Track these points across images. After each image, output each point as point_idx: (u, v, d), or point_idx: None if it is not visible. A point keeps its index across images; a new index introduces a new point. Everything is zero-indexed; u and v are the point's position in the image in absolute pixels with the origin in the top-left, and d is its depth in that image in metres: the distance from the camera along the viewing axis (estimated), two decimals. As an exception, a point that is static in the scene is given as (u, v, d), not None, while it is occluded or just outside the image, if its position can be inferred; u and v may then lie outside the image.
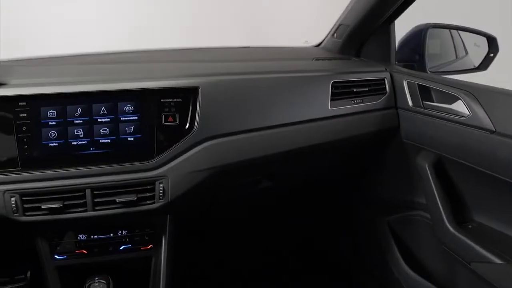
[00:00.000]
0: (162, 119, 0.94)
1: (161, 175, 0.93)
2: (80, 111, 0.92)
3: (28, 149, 0.91)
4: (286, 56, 1.35)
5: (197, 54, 1.32)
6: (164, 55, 1.27)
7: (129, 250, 0.98)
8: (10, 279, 1.32)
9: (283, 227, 1.55)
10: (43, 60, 1.13)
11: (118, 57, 1.17)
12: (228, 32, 2.50)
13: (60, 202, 0.89)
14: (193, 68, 1.05)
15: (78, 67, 1.04)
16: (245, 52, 1.43)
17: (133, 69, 1.03)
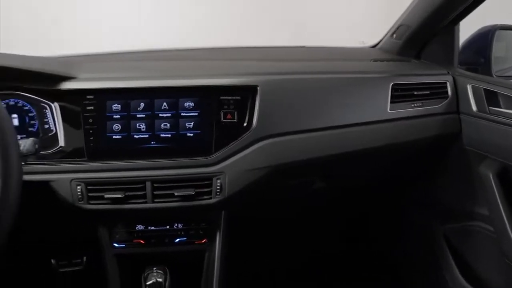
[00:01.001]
0: (221, 116, 0.96)
1: (219, 171, 0.94)
2: (143, 106, 0.95)
3: (94, 141, 0.95)
4: (343, 56, 1.33)
5: (254, 53, 1.32)
6: (222, 53, 1.29)
7: (184, 243, 1.00)
8: (68, 262, 1.39)
9: (332, 228, 1.53)
10: (108, 56, 1.18)
11: (178, 54, 1.21)
12: (277, 32, 2.50)
13: (122, 192, 0.92)
14: (252, 66, 1.06)
15: (141, 63, 1.07)
16: (301, 51, 1.42)
17: (194, 66, 1.05)
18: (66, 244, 1.35)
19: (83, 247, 1.41)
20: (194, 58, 1.15)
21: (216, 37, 2.34)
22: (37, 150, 0.89)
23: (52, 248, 1.36)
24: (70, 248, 1.40)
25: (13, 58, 0.94)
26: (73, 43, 2.15)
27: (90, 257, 1.42)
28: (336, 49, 1.51)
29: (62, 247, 1.37)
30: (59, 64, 0.98)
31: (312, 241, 1.54)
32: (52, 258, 1.39)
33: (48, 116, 0.97)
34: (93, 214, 0.95)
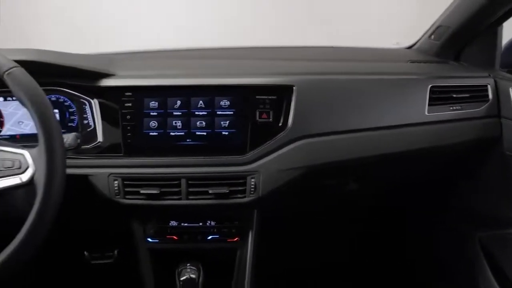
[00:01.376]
0: (257, 116, 0.96)
1: (253, 170, 0.94)
2: (179, 104, 0.97)
3: (131, 137, 0.97)
4: (377, 57, 1.31)
5: (286, 53, 1.32)
6: (255, 53, 1.28)
7: (216, 240, 1.01)
8: (100, 255, 1.43)
9: (363, 230, 1.51)
10: (145, 54, 1.20)
11: (213, 53, 1.21)
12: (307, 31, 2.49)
13: (158, 189, 0.93)
14: (288, 66, 1.06)
15: (178, 61, 1.09)
16: (331, 52, 1.41)
17: (230, 65, 1.06)
18: (99, 237, 1.38)
19: (115, 240, 1.44)
20: (228, 57, 1.15)
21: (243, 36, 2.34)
22: (78, 145, 0.92)
23: (85, 241, 1.40)
24: (103, 241, 1.43)
25: (57, 55, 0.97)
26: (108, 42, 2.20)
27: (121, 250, 1.45)
28: (368, 50, 1.48)
29: (95, 240, 1.40)
30: (99, 62, 1.01)
31: (344, 242, 1.53)
32: (85, 250, 1.43)
33: (87, 112, 1.00)
34: (129, 209, 0.96)
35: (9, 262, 0.70)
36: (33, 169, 0.72)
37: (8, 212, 0.84)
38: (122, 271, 1.50)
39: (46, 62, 0.90)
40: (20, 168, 0.73)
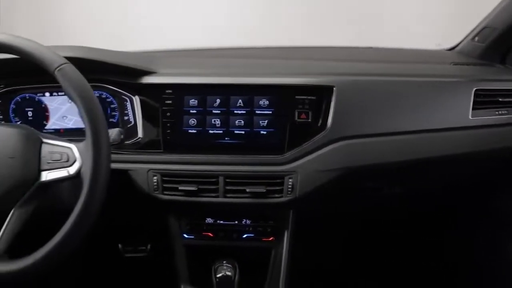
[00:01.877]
0: (295, 116, 0.96)
1: (291, 171, 0.94)
2: (218, 102, 0.97)
3: (170, 134, 0.99)
4: (418, 59, 1.28)
5: (325, 53, 1.31)
6: (295, 53, 1.28)
7: (251, 239, 1.01)
8: (134, 248, 1.46)
9: (399, 234, 1.48)
10: (185, 52, 1.22)
11: (251, 52, 1.22)
12: (340, 32, 2.45)
13: (195, 185, 0.95)
14: (328, 66, 1.05)
15: (218, 60, 1.10)
16: (372, 52, 1.38)
17: (269, 65, 1.06)
18: (133, 230, 1.41)
19: (148, 235, 1.47)
20: (267, 56, 1.15)
21: (278, 36, 2.34)
22: (122, 140, 0.94)
23: (120, 234, 1.43)
24: (136, 235, 1.46)
25: (101, 52, 0.99)
26: (144, 40, 2.24)
27: (154, 245, 1.48)
28: (408, 51, 1.45)
29: (129, 233, 1.44)
30: (141, 59, 1.03)
31: (380, 245, 1.50)
32: (119, 243, 1.46)
33: (128, 108, 1.02)
34: (166, 205, 0.98)
35: (54, 252, 0.73)
36: (80, 162, 0.74)
37: (53, 203, 0.87)
38: (155, 265, 1.54)
39: (91, 59, 0.93)
40: (68, 161, 0.75)
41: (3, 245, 0.74)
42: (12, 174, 0.74)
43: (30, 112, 1.07)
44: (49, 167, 0.76)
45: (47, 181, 0.75)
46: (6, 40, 0.75)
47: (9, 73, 1.01)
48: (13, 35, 0.76)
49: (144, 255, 1.48)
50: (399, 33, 2.32)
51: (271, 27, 2.29)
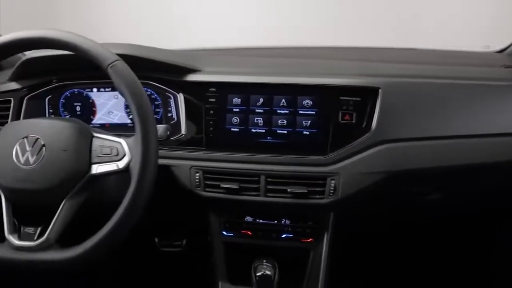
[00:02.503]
0: (339, 117, 0.94)
1: (334, 172, 0.93)
2: (261, 101, 0.98)
3: (213, 132, 1.00)
4: (466, 61, 1.24)
5: (369, 53, 1.29)
6: (338, 53, 1.27)
7: (290, 239, 1.01)
8: (170, 243, 1.48)
9: (440, 242, 1.44)
10: (229, 51, 1.23)
11: (294, 52, 1.21)
12: (379, 32, 2.40)
13: (237, 184, 0.95)
14: (373, 67, 1.03)
15: (261, 59, 1.10)
16: (416, 54, 1.35)
17: (312, 64, 1.05)
18: (170, 225, 1.44)
19: (184, 230, 1.49)
20: (310, 56, 1.15)
21: (317, 36, 2.32)
22: (168, 137, 0.96)
23: (157, 228, 1.46)
24: (173, 230, 1.48)
25: (148, 49, 1.01)
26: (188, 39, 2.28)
27: (190, 241, 1.50)
28: (455, 53, 1.41)
29: (166, 228, 1.46)
30: (186, 57, 1.04)
31: (422, 250, 1.46)
32: (156, 237, 1.49)
33: (171, 105, 1.04)
34: (207, 201, 0.99)
35: (103, 243, 0.75)
36: (129, 157, 0.76)
37: (99, 196, 0.90)
38: (189, 261, 1.56)
39: (141, 57, 0.95)
40: (117, 155, 0.77)
41: (54, 235, 0.77)
42: (64, 166, 0.77)
43: (78, 106, 1.11)
44: (99, 161, 0.78)
45: (97, 174, 0.78)
46: (63, 37, 0.77)
47: (62, 68, 1.05)
48: (69, 32, 0.79)
49: (179, 250, 1.50)
50: (439, 34, 2.25)
51: (309, 27, 2.28)
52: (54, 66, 1.04)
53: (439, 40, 2.07)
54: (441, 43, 1.53)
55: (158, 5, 2.54)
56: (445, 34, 2.18)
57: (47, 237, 0.76)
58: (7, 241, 0.77)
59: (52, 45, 0.78)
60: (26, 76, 1.07)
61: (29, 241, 0.77)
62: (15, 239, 0.77)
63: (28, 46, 0.81)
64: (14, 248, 0.76)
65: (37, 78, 1.07)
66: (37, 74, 1.07)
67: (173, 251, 1.51)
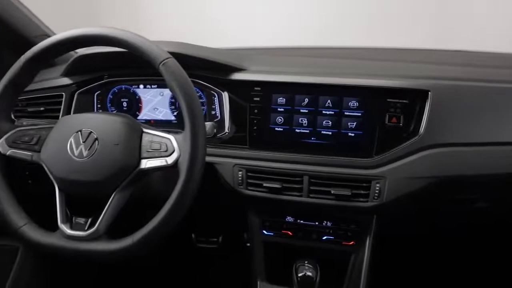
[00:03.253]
0: (386, 119, 0.93)
1: (379, 175, 0.91)
2: (307, 101, 0.97)
3: (257, 130, 1.00)
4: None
5: (414, 55, 1.26)
6: (383, 54, 1.25)
7: (331, 241, 1.00)
8: (206, 239, 1.50)
9: (481, 246, 1.39)
10: (272, 50, 1.23)
11: (338, 52, 1.20)
12: (413, 33, 2.34)
13: (280, 183, 0.95)
14: (421, 69, 1.00)
15: (306, 59, 1.09)
16: (463, 56, 1.31)
17: (358, 66, 1.03)
18: (208, 222, 1.45)
19: (222, 227, 1.51)
20: (355, 57, 1.13)
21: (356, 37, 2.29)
22: (214, 134, 0.97)
23: (195, 224, 1.48)
24: (211, 226, 1.50)
25: (195, 48, 1.03)
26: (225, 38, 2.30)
27: (226, 238, 1.51)
28: (504, 56, 1.35)
29: (204, 224, 1.48)
30: (231, 56, 1.05)
31: (468, 260, 1.42)
32: (193, 232, 1.52)
33: (215, 103, 1.05)
34: (249, 200, 0.99)
35: (150, 236, 0.77)
36: (178, 153, 0.77)
37: (145, 190, 0.92)
38: (225, 258, 1.57)
39: (188, 55, 0.96)
40: (167, 151, 0.78)
41: (103, 226, 0.79)
42: (116, 160, 0.79)
43: (125, 102, 1.14)
44: (149, 156, 0.80)
45: (146, 168, 0.79)
46: (118, 35, 0.79)
47: (112, 65, 1.08)
48: (123, 30, 0.81)
49: (215, 247, 1.52)
50: (477, 35, 2.17)
51: (347, 28, 2.25)
52: (106, 63, 1.07)
53: (484, 42, 1.99)
54: (487, 44, 1.47)
55: (194, 5, 2.58)
56: (490, 35, 2.10)
57: (97, 228, 0.78)
58: (60, 230, 0.80)
59: (108, 42, 0.81)
60: (78, 72, 1.11)
61: (80, 231, 0.79)
62: (67, 228, 0.80)
63: (84, 43, 0.84)
64: (66, 237, 0.79)
65: (88, 74, 1.11)
66: (89, 70, 1.10)
67: (209, 248, 1.53)
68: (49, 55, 0.85)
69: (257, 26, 2.32)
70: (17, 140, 0.85)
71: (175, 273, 1.62)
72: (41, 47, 0.83)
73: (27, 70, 0.85)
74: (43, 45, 0.82)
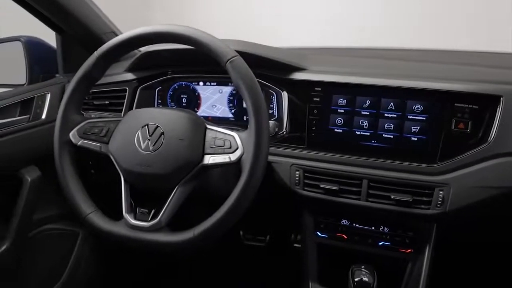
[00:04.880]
0: (453, 124, 0.89)
1: (443, 183, 0.88)
2: (368, 103, 0.95)
3: (315, 131, 0.99)
4: None
5: (482, 58, 1.20)
6: (448, 56, 1.20)
7: (387, 248, 0.98)
8: (253, 237, 1.51)
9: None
10: (329, 50, 1.21)
11: (403, 54, 1.17)
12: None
13: (337, 185, 0.94)
14: (492, 74, 0.95)
15: (367, 60, 1.07)
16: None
17: (423, 68, 1.00)
18: (258, 220, 1.46)
19: (269, 227, 1.51)
20: (419, 59, 1.09)
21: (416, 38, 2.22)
22: (276, 133, 0.98)
23: (245, 221, 1.49)
24: (260, 225, 1.51)
25: (257, 46, 1.03)
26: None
27: (272, 237, 1.51)
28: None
29: (253, 222, 1.49)
30: (292, 55, 1.04)
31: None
32: (241, 230, 1.53)
33: (273, 102, 1.05)
34: (305, 200, 0.99)
35: (211, 230, 0.78)
36: (241, 150, 0.78)
37: (204, 186, 0.94)
38: (271, 257, 1.57)
39: (252, 53, 0.97)
40: (230, 148, 0.79)
41: (165, 219, 0.81)
42: (180, 154, 0.80)
43: (184, 98, 1.17)
44: (212, 152, 0.81)
45: (208, 164, 0.81)
46: (187, 32, 0.81)
47: (176, 62, 1.11)
48: (191, 27, 0.83)
49: (262, 245, 1.52)
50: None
51: (410, 28, 2.19)
52: (170, 59, 1.10)
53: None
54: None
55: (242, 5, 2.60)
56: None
57: (159, 220, 0.80)
58: (124, 219, 0.83)
59: (177, 39, 0.83)
60: (141, 68, 1.15)
61: (143, 221, 0.82)
62: (131, 218, 0.83)
63: (155, 40, 0.86)
64: (130, 226, 0.82)
65: (151, 70, 1.15)
66: (152, 66, 1.14)
67: (256, 245, 1.53)
68: (121, 51, 0.88)
69: (305, 27, 2.31)
70: (87, 132, 0.89)
71: (220, 267, 1.64)
72: (114, 44, 0.86)
73: (100, 65, 0.89)
74: (116, 41, 0.86)
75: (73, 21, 1.15)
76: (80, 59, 0.98)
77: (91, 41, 1.21)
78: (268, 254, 1.56)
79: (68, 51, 1.25)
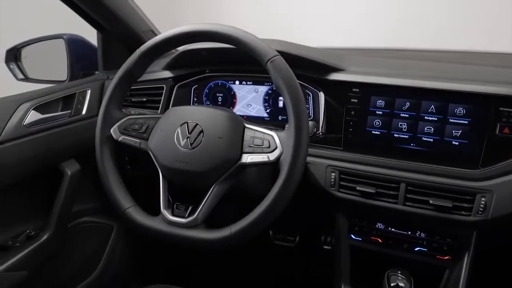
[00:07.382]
0: (497, 129, 0.86)
1: (486, 189, 0.85)
2: (408, 106, 0.93)
3: (352, 133, 0.98)
4: None
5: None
6: (491, 58, 1.16)
7: (424, 254, 0.96)
8: (283, 237, 1.51)
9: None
10: (364, 51, 1.19)
11: (436, 56, 1.14)
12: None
13: (374, 188, 0.92)
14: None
15: (405, 62, 1.04)
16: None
17: (465, 70, 0.97)
18: (289, 220, 1.45)
19: (299, 227, 1.51)
20: (458, 61, 1.06)
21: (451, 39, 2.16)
22: (314, 133, 0.97)
23: (276, 221, 1.48)
24: (289, 225, 1.50)
25: (295, 46, 1.03)
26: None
27: (302, 238, 1.50)
28: None
29: (284, 222, 1.49)
30: (330, 56, 1.03)
31: None
32: (271, 229, 1.53)
33: (309, 103, 1.04)
34: (340, 202, 0.98)
35: (248, 229, 0.78)
36: (280, 150, 0.78)
37: (240, 184, 0.94)
38: (300, 258, 1.57)
39: (292, 53, 0.97)
40: (269, 147, 0.79)
41: (202, 216, 0.82)
42: (219, 152, 0.81)
43: (220, 97, 1.17)
44: (250, 151, 0.81)
45: (246, 163, 0.81)
46: (228, 31, 0.82)
47: (214, 60, 1.12)
48: (232, 26, 0.83)
49: (291, 246, 1.52)
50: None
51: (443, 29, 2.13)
52: (208, 58, 1.11)
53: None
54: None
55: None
56: None
57: (196, 217, 0.81)
58: (162, 215, 0.84)
59: (218, 38, 0.83)
60: (179, 66, 1.16)
61: (180, 217, 0.83)
62: (169, 214, 0.84)
63: (196, 39, 0.87)
64: (167, 222, 0.83)
65: (188, 69, 1.16)
66: (189, 64, 1.15)
67: (285, 245, 1.53)
68: (163, 49, 0.89)
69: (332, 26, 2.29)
70: (127, 128, 0.91)
71: (249, 265, 1.65)
72: (157, 42, 0.87)
73: (141, 63, 0.90)
74: (159, 39, 0.87)
75: (114, 19, 1.18)
76: (120, 56, 1.00)
77: (130, 39, 1.23)
78: (297, 255, 1.56)
79: (108, 48, 1.28)
